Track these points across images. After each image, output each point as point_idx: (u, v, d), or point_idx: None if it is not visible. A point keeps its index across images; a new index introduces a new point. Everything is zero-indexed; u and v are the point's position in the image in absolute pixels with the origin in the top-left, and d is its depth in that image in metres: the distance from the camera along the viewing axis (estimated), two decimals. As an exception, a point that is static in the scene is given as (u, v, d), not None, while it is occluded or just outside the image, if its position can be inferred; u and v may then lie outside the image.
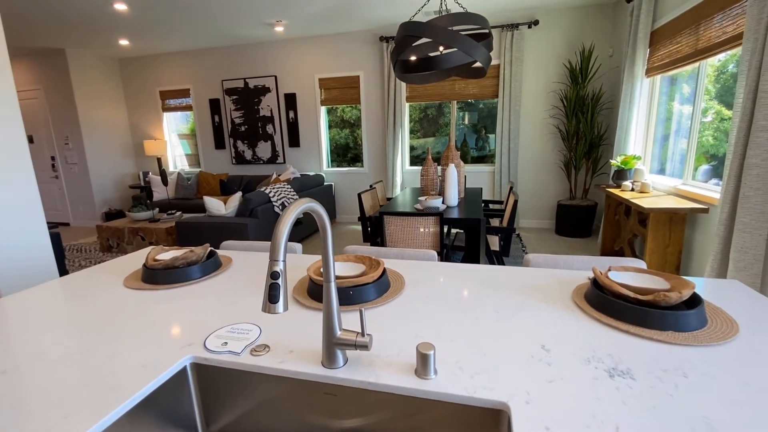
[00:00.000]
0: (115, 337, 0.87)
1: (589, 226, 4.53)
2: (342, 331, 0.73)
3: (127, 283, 1.19)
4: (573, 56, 4.56)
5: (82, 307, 1.04)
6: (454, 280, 1.16)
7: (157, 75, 6.05)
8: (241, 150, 5.95)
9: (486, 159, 5.30)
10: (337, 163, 5.89)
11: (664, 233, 2.71)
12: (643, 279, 1.00)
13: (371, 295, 1.03)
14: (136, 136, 6.40)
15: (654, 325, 0.85)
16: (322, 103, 5.58)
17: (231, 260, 1.39)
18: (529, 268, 1.25)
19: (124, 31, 4.74)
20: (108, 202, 5.98)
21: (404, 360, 0.75)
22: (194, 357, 0.79)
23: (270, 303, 0.54)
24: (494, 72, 4.81)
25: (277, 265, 0.54)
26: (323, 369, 0.73)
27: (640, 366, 0.72)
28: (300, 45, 5.41)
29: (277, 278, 0.53)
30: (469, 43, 2.70)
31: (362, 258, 1.19)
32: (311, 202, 0.63)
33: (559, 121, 4.74)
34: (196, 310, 1.00)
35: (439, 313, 0.95)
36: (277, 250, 0.54)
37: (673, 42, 3.14)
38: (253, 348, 0.81)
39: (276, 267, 0.54)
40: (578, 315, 0.93)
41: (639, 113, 3.71)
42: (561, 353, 0.77)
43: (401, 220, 2.56)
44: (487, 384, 0.67)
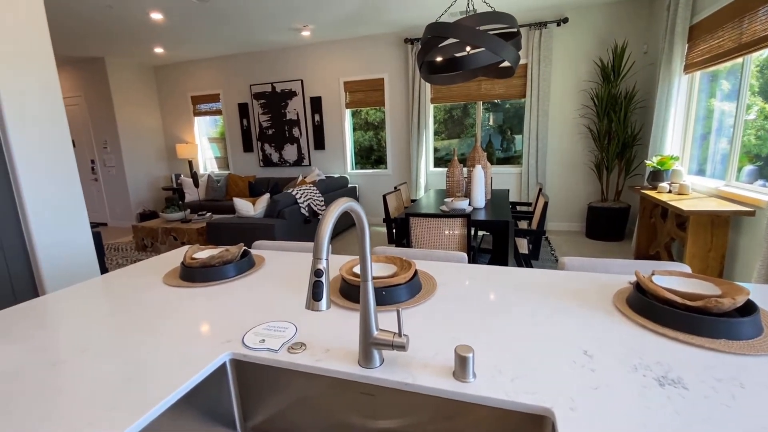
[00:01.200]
0: (157, 333, 0.91)
1: (621, 229, 4.37)
2: (379, 331, 0.73)
3: (167, 281, 1.23)
4: (605, 54, 4.41)
5: (125, 304, 1.09)
6: (487, 283, 1.14)
7: (188, 81, 6.28)
8: (268, 153, 6.08)
9: (512, 160, 5.21)
10: (361, 165, 5.93)
11: (705, 237, 2.58)
12: (691, 284, 0.96)
13: (403, 296, 1.02)
14: (169, 140, 6.65)
15: (705, 333, 0.80)
16: (346, 106, 5.63)
17: (264, 260, 1.42)
18: (564, 272, 1.22)
19: (159, 40, 4.95)
20: (142, 203, 6.24)
21: (441, 362, 0.74)
22: (233, 353, 0.81)
23: (314, 300, 0.54)
24: (521, 71, 4.72)
25: (320, 263, 0.54)
26: (360, 368, 0.73)
27: (692, 375, 0.68)
28: (325, 49, 5.49)
29: (321, 276, 0.54)
30: (497, 43, 2.66)
31: (393, 258, 1.19)
32: (350, 202, 0.63)
33: (589, 121, 4.60)
34: (232, 308, 1.03)
35: (473, 316, 0.93)
36: (320, 249, 0.54)
37: (714, 36, 2.99)
38: (290, 346, 0.82)
39: (319, 265, 0.54)
40: (620, 320, 0.89)
41: (676, 111, 3.55)
42: (605, 359, 0.74)
43: (427, 222, 2.54)
44: (528, 388, 0.66)
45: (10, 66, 1.82)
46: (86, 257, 2.13)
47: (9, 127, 1.82)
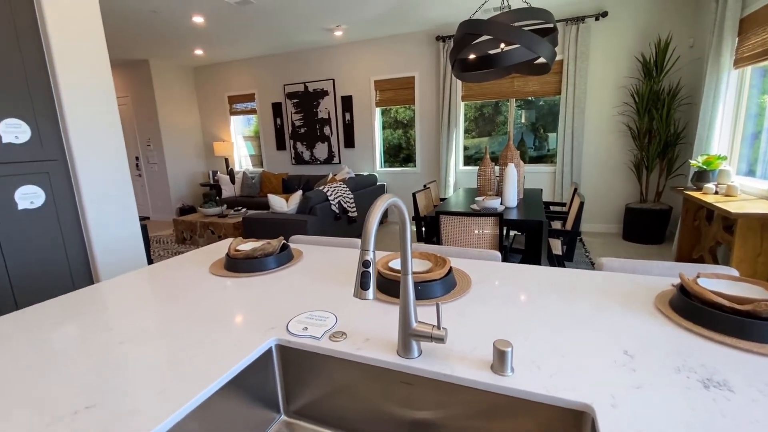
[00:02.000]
0: (206, 318, 0.97)
1: (662, 232, 4.18)
2: (418, 323, 0.75)
3: (213, 271, 1.31)
4: (647, 48, 4.23)
5: (175, 292, 1.17)
6: (522, 281, 1.14)
7: (226, 81, 6.52)
8: (300, 151, 6.23)
9: (545, 159, 5.09)
10: (390, 164, 5.97)
11: (754, 241, 2.44)
12: (740, 288, 0.92)
13: (439, 291, 1.04)
14: (207, 138, 6.93)
15: (754, 337, 0.78)
16: (376, 105, 5.68)
17: (301, 253, 1.48)
18: (603, 272, 1.20)
19: (199, 42, 5.17)
20: (182, 199, 6.54)
21: (479, 356, 0.76)
22: (278, 339, 0.86)
23: (362, 289, 0.57)
24: (557, 68, 4.60)
25: (367, 254, 0.57)
26: (399, 358, 0.76)
27: (738, 378, 0.67)
28: (357, 48, 5.55)
29: (369, 267, 0.57)
30: (533, 39, 2.62)
31: (428, 255, 1.21)
32: (394, 198, 0.66)
33: (629, 119, 4.42)
34: (274, 297, 1.09)
35: (510, 312, 0.94)
36: (367, 241, 0.58)
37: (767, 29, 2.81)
38: (331, 334, 0.86)
39: (367, 257, 0.57)
40: (663, 321, 0.88)
41: (725, 109, 3.36)
42: (646, 360, 0.73)
43: (458, 221, 2.54)
44: (567, 384, 0.67)
45: (72, 69, 1.98)
46: (135, 248, 2.28)
47: (70, 127, 1.98)
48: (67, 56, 1.95)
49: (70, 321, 0.99)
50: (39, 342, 0.89)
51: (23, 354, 0.84)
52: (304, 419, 0.89)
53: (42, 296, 1.91)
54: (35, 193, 1.86)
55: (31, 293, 1.86)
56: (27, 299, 1.85)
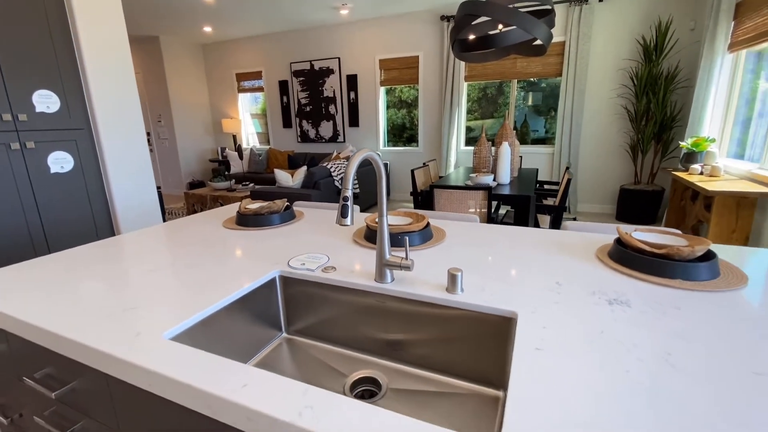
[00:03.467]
0: (220, 258, 1.18)
1: (654, 213, 4.32)
2: (391, 255, 0.95)
3: (226, 225, 1.51)
4: (648, 31, 4.27)
5: (192, 241, 1.37)
6: (491, 236, 1.33)
7: (233, 59, 6.63)
8: (306, 129, 6.38)
9: (547, 141, 5.19)
10: (393, 143, 6.10)
11: (729, 218, 2.59)
12: (665, 238, 1.10)
13: (416, 240, 1.23)
14: (215, 115, 7.09)
15: (665, 274, 0.96)
16: (381, 84, 5.77)
17: (303, 214, 1.67)
18: (562, 231, 1.38)
19: (208, 19, 5.27)
20: (192, 174, 6.76)
21: (439, 282, 0.96)
22: (281, 271, 1.06)
23: (341, 217, 0.76)
24: (559, 49, 4.65)
25: (346, 191, 0.76)
26: (375, 283, 0.96)
27: (638, 300, 0.85)
28: (363, 27, 5.61)
29: (347, 201, 0.76)
30: (528, 20, 2.71)
31: (410, 213, 1.40)
32: (371, 152, 0.84)
33: (626, 101, 4.50)
34: (279, 245, 1.28)
35: (473, 256, 1.13)
36: (347, 181, 0.76)
37: (761, 13, 2.87)
38: (324, 268, 1.06)
39: (346, 193, 0.76)
40: (597, 265, 1.06)
41: (717, 92, 3.44)
42: (571, 288, 0.92)
43: (450, 194, 2.72)
44: (503, 300, 0.86)
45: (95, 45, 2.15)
46: (153, 209, 2.49)
47: (94, 99, 2.16)
48: (91, 33, 2.12)
49: (106, 258, 1.20)
50: (84, 269, 1.10)
51: (73, 278, 1.05)
52: (301, 336, 1.10)
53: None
54: (65, 159, 2.07)
55: (62, 247, 2.09)
56: (60, 249, 2.08)
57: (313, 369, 0.99)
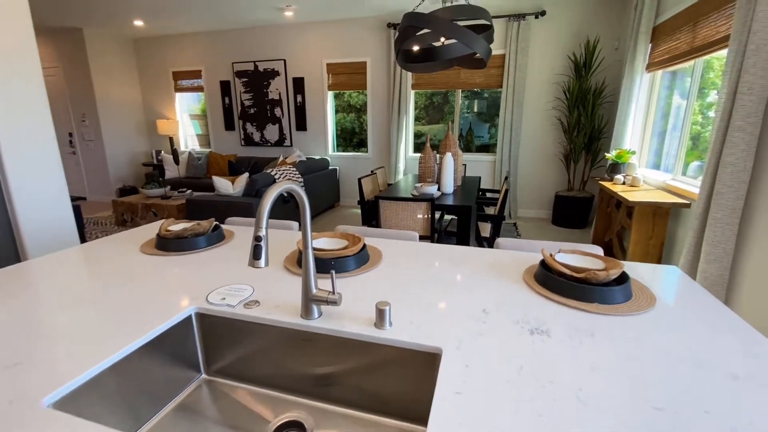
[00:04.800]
0: (132, 292, 1.06)
1: (585, 218, 4.64)
2: (317, 289, 0.90)
3: (143, 250, 1.37)
4: (578, 48, 4.58)
5: (104, 268, 1.23)
6: (427, 257, 1.32)
7: (170, 56, 6.19)
8: (250, 132, 6.12)
9: (490, 148, 5.39)
10: (343, 148, 6.03)
11: (647, 226, 2.83)
12: (585, 261, 1.16)
13: (351, 266, 1.20)
14: (149, 115, 6.59)
15: (584, 298, 1.00)
16: (329, 88, 5.68)
17: (233, 234, 1.57)
18: (494, 250, 1.41)
19: (139, 12, 4.87)
20: (122, 179, 6.22)
21: (368, 316, 0.92)
22: (198, 308, 0.98)
23: (254, 259, 0.70)
24: (500, 62, 4.85)
25: (260, 231, 0.70)
26: (301, 320, 0.91)
27: (558, 327, 0.88)
28: (309, 29, 5.49)
29: (260, 241, 0.70)
30: (469, 35, 2.79)
31: (347, 235, 1.36)
32: (291, 184, 0.79)
33: (560, 113, 4.80)
34: (201, 274, 1.19)
35: (405, 282, 1.12)
36: (260, 220, 0.70)
37: (673, 38, 3.19)
38: (246, 303, 0.99)
39: (259, 232, 0.70)
40: (522, 288, 1.09)
41: (637, 107, 3.77)
42: (497, 316, 0.93)
43: (395, 205, 2.71)
44: (429, 334, 0.84)
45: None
46: (67, 228, 2.23)
47: (-11, 101, 1.89)
48: (-17, 27, 1.85)
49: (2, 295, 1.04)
50: (-39, 315, 0.94)
51: (-55, 325, 0.89)
52: (223, 377, 1.02)
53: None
54: (-50, 171, 1.79)
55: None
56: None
57: (235, 413, 0.91)
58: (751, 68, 1.99)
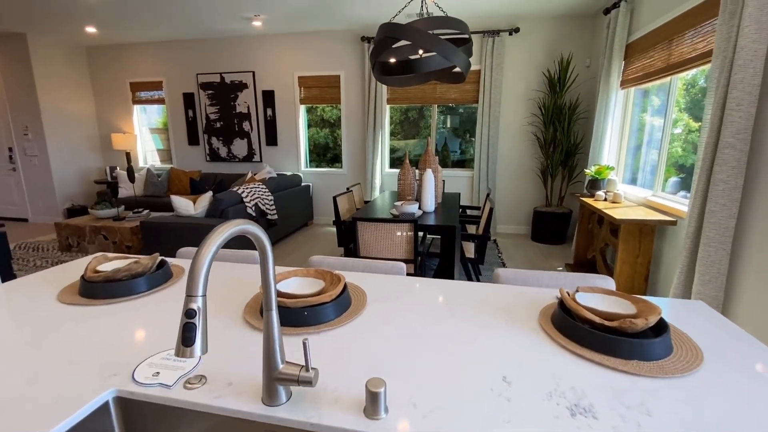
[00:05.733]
0: (28, 365, 0.78)
1: (563, 233, 4.59)
2: (285, 364, 0.66)
3: (62, 298, 1.08)
4: (552, 65, 4.60)
5: (5, 326, 0.93)
6: (419, 298, 1.11)
7: (127, 65, 5.79)
8: (216, 147, 5.76)
9: (466, 163, 5.30)
10: (316, 164, 5.78)
11: (634, 244, 2.75)
12: (610, 302, 0.97)
13: (329, 315, 0.96)
14: (104, 129, 6.10)
15: (620, 354, 0.81)
16: (301, 102, 5.46)
17: (184, 270, 1.30)
18: (497, 285, 1.21)
19: (90, 18, 4.50)
20: (71, 198, 5.68)
21: (354, 394, 0.69)
22: (118, 390, 0.71)
23: (183, 346, 0.46)
24: (475, 77, 4.81)
25: (194, 301, 0.46)
26: (262, 407, 0.66)
27: (603, 402, 0.68)
28: (279, 41, 5.28)
29: (193, 317, 0.46)
30: (448, 48, 2.66)
31: (323, 273, 1.12)
32: (245, 225, 0.55)
33: (537, 129, 4.78)
34: (133, 331, 0.91)
35: (398, 337, 0.89)
36: (195, 284, 0.47)
37: (647, 56, 3.20)
38: (187, 380, 0.73)
39: (192, 304, 0.46)
40: (543, 340, 0.89)
41: (613, 124, 3.77)
42: (522, 386, 0.72)
43: (374, 227, 2.50)
44: (440, 424, 0.62)
45: None
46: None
47: None
48: None
49: None
50: None
51: None
52: (155, 482, 0.75)
53: None
54: None
55: None
56: None
57: None
58: (738, 84, 1.94)
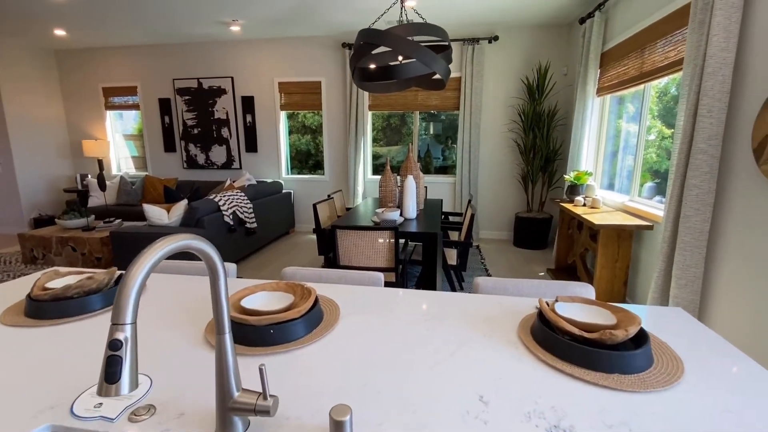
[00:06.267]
0: (-44, 398, 0.69)
1: (545, 238, 4.63)
2: (241, 392, 0.60)
3: (4, 319, 0.99)
4: (530, 73, 4.67)
5: (-69, 353, 0.84)
6: (395, 311, 1.06)
7: (100, 70, 5.60)
8: (194, 154, 5.62)
9: (449, 170, 5.31)
10: (298, 170, 5.70)
11: (613, 249, 2.77)
12: (591, 312, 0.95)
13: (297, 332, 0.90)
14: (74, 135, 5.87)
15: (600, 368, 0.78)
16: (281, 108, 5.38)
17: (145, 286, 1.21)
18: (477, 296, 1.17)
19: (59, 20, 4.34)
20: (38, 207, 5.42)
21: (319, 423, 0.63)
22: (53, 426, 0.63)
23: (106, 383, 0.40)
24: (456, 84, 4.83)
25: (120, 331, 0.40)
26: (216, 439, 0.60)
27: (584, 421, 0.64)
28: (259, 47, 5.20)
29: (119, 349, 0.40)
30: (428, 54, 2.65)
31: (293, 286, 1.06)
32: (191, 240, 0.50)
33: (517, 135, 4.83)
34: (82, 353, 0.83)
35: (370, 354, 0.84)
36: (122, 311, 0.41)
37: (621, 64, 3.27)
38: (134, 411, 0.65)
39: (118, 334, 0.40)
40: (523, 354, 0.85)
41: (590, 130, 3.83)
42: (500, 406, 0.67)
43: (354, 234, 2.44)
44: (410, 456, 0.57)
45: None
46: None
47: None
48: None
49: None
50: None
51: None
52: None
53: None
54: None
55: None
56: None
57: None
58: (709, 91, 1.98)
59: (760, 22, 1.82)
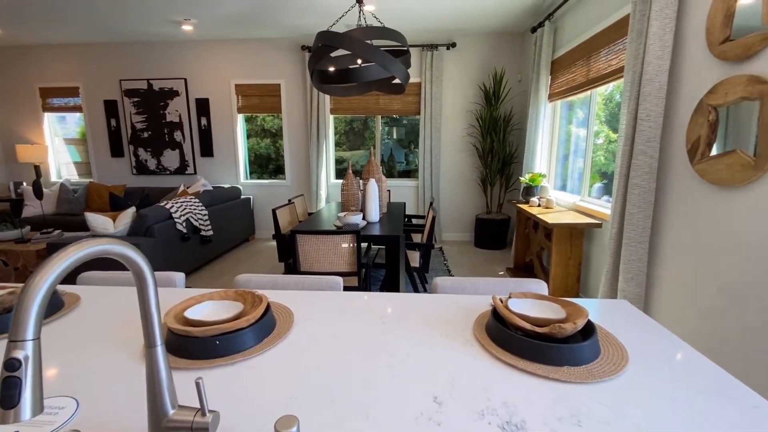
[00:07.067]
0: None
1: (504, 239, 4.77)
2: (176, 409, 0.55)
3: None
4: (487, 79, 4.82)
5: None
6: (352, 315, 1.03)
7: (36, 69, 5.18)
8: (143, 159, 5.31)
9: (412, 173, 5.36)
10: (258, 175, 5.54)
11: (566, 247, 2.90)
12: (542, 307, 0.97)
13: (246, 342, 0.85)
14: (7, 139, 5.38)
15: (551, 361, 0.80)
16: (239, 111, 5.21)
17: (79, 299, 1.11)
18: (435, 296, 1.17)
19: (-13, 15, 3.97)
20: (-36, 218, 4.89)
21: (265, 436, 0.59)
22: (-48, 464, 0.55)
23: (2, 408, 0.34)
24: (416, 90, 4.90)
25: (18, 349, 0.35)
26: (148, 464, 0.54)
27: (535, 415, 0.65)
28: (214, 48, 5.02)
29: (16, 369, 0.35)
30: (387, 58, 2.66)
31: (243, 294, 1.01)
32: (110, 245, 0.45)
33: (475, 139, 4.96)
34: None
35: (324, 361, 0.81)
36: (21, 326, 0.35)
37: (569, 71, 3.45)
38: (53, 439, 0.59)
39: (16, 353, 0.35)
40: (477, 352, 0.85)
41: (543, 134, 4.00)
42: (454, 406, 0.67)
43: (315, 239, 2.39)
44: (361, 465, 0.54)
45: None
46: None
47: None
48: None
49: None
50: None
51: None
52: None
53: None
54: None
55: None
56: None
57: None
58: (647, 96, 2.12)
59: (692, 31, 1.98)
